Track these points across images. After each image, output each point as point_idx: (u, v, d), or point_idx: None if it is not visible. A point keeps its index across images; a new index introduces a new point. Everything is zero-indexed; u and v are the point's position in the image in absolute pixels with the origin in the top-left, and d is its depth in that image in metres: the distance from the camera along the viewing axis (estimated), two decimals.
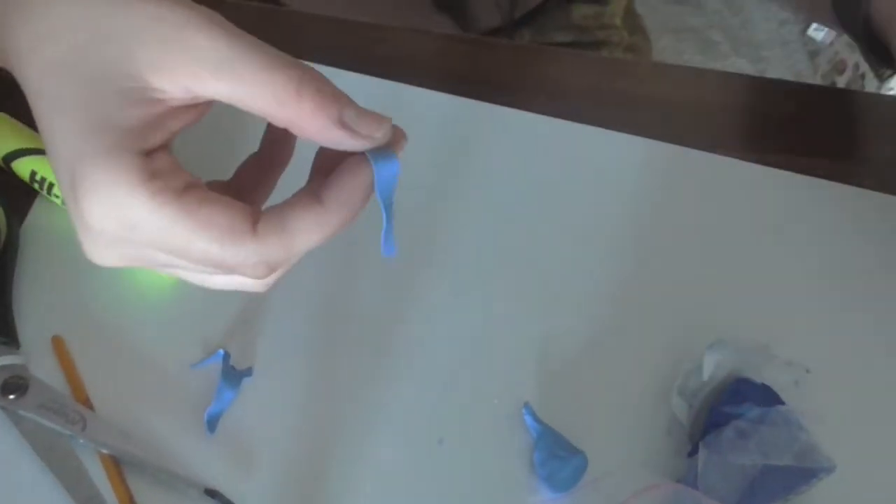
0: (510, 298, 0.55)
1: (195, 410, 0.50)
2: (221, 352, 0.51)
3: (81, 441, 0.48)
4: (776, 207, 0.59)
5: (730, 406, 0.48)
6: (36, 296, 0.53)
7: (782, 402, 0.48)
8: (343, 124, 0.36)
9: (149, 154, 0.35)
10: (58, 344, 0.52)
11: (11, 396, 0.49)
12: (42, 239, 0.55)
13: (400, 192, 0.37)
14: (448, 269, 0.56)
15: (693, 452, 0.47)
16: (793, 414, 0.47)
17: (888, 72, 0.60)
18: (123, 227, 0.35)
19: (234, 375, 0.51)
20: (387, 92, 0.37)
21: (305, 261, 0.54)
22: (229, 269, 0.36)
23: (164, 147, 0.36)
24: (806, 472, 0.46)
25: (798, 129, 0.63)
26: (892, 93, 0.76)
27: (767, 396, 0.48)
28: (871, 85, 0.76)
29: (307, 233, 0.37)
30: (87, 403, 0.50)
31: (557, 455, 0.49)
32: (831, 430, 0.48)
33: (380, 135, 0.37)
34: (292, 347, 0.52)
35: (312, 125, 0.36)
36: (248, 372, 0.51)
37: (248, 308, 0.53)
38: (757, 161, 0.60)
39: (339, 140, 0.36)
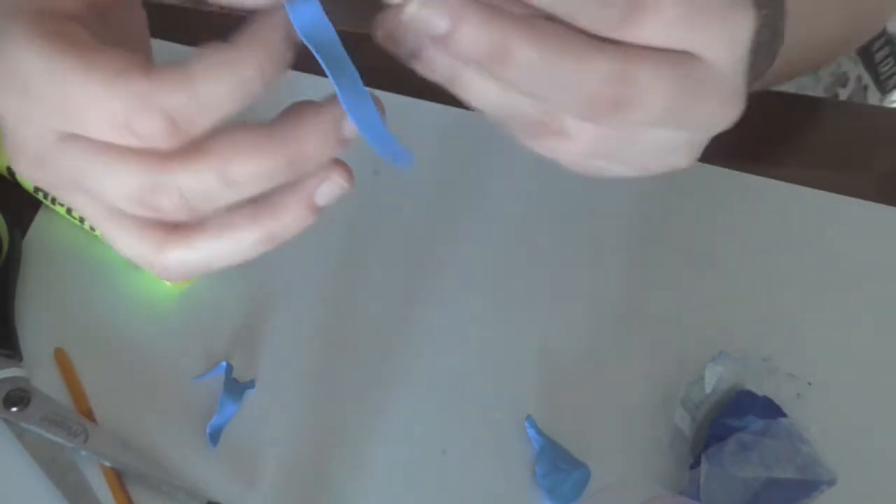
0: (512, 310, 0.55)
1: (197, 423, 0.50)
2: (224, 364, 0.51)
3: (84, 453, 0.48)
4: (778, 219, 0.59)
5: (732, 419, 0.48)
6: (38, 308, 0.53)
7: (784, 415, 0.48)
8: None
9: (59, 19, 0.33)
10: (60, 356, 0.52)
11: (14, 409, 0.49)
12: (44, 251, 0.55)
13: (398, 198, 0.36)
14: (450, 279, 0.56)
15: (695, 465, 0.47)
16: (795, 426, 0.47)
17: (891, 83, 0.60)
18: (19, 86, 0.33)
19: (236, 388, 0.51)
20: (386, 101, 0.37)
21: (307, 271, 0.55)
22: (124, 124, 0.31)
23: (82, 18, 0.34)
24: (808, 485, 0.46)
25: (800, 141, 0.63)
26: (894, 105, 0.76)
27: (770, 409, 0.48)
28: (873, 97, 0.76)
29: (211, 74, 0.31)
30: (90, 416, 0.50)
31: (560, 468, 0.49)
32: (833, 442, 0.48)
33: None
34: (294, 360, 0.52)
35: None
36: (250, 384, 0.51)
37: (250, 320, 0.53)
38: (758, 173, 0.60)
39: None
